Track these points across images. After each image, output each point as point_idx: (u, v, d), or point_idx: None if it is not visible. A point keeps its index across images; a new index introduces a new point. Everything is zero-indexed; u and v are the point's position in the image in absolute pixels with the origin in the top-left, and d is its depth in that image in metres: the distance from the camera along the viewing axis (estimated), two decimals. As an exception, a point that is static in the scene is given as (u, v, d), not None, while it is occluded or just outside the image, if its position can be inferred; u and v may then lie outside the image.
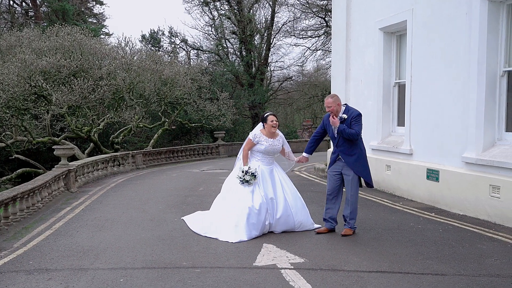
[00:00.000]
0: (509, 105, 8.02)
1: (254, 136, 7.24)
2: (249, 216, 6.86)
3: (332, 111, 6.89)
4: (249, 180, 7.04)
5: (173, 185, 13.25)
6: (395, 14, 10.58)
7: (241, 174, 7.08)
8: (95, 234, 7.43)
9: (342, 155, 6.96)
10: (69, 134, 22.88)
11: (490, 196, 7.76)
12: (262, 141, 7.20)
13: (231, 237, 6.78)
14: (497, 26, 7.90)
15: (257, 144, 7.23)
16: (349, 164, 6.92)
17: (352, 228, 7.04)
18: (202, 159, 24.12)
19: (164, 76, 22.76)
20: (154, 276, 5.33)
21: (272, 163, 7.39)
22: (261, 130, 7.29)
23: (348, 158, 6.91)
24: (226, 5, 36.83)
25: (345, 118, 6.84)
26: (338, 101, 6.95)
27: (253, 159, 7.32)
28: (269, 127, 7.20)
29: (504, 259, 5.79)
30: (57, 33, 21.48)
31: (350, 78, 12.88)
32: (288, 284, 4.96)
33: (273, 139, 7.26)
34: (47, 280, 5.29)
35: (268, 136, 7.23)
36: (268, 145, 7.20)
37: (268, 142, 7.21)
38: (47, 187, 10.59)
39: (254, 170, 7.08)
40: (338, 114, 6.91)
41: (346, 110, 6.94)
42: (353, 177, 6.93)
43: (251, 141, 7.24)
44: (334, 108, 6.88)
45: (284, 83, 41.02)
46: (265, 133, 7.24)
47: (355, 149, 6.90)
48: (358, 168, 6.91)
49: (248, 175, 7.03)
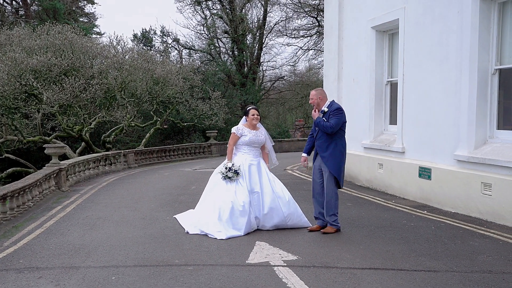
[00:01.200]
0: (501, 103, 8.06)
1: (237, 129, 7.40)
2: (232, 211, 6.92)
3: (313, 103, 7.01)
4: (231, 177, 7.14)
5: (165, 184, 13.20)
6: (387, 13, 10.60)
7: (224, 170, 7.18)
8: (86, 232, 7.37)
9: (318, 149, 7.02)
10: (60, 133, 22.75)
11: (482, 194, 7.79)
12: (245, 132, 7.36)
13: (216, 233, 6.81)
14: (488, 25, 7.93)
15: (241, 136, 7.36)
16: (323, 159, 6.93)
17: (333, 226, 6.98)
18: (194, 158, 24.06)
19: (156, 75, 22.69)
20: (146, 274, 5.29)
21: (258, 156, 7.48)
22: (243, 124, 7.48)
23: (322, 153, 6.92)
24: (218, 5, 36.82)
25: (325, 112, 6.86)
26: (321, 95, 7.00)
27: (239, 152, 7.41)
28: (250, 120, 7.40)
29: (495, 255, 5.81)
30: (48, 31, 21.33)
31: (342, 77, 12.90)
32: (281, 281, 4.95)
33: (256, 131, 7.42)
34: (38, 279, 5.23)
35: (250, 128, 7.39)
36: (251, 135, 7.35)
37: (251, 133, 7.37)
38: (38, 186, 10.51)
39: (237, 168, 7.16)
40: (320, 108, 6.96)
41: (330, 105, 6.95)
42: (329, 173, 6.91)
43: (235, 135, 7.38)
44: (316, 100, 6.97)
45: (276, 82, 41.05)
46: (247, 126, 7.41)
47: (330, 145, 6.86)
48: (330, 163, 6.84)
49: (231, 172, 7.13)
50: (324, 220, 7.11)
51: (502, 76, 7.99)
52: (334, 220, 6.98)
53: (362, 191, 10.96)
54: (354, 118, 12.26)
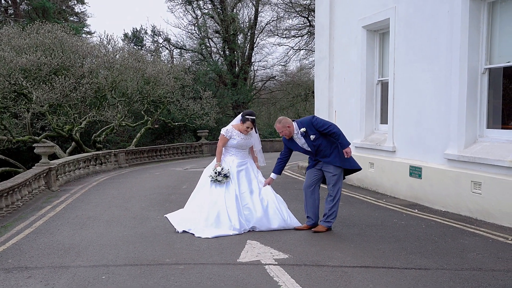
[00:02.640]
0: (490, 102, 8.11)
1: (227, 131, 7.33)
2: (219, 213, 6.96)
3: (285, 134, 6.89)
4: (221, 181, 7.16)
5: (156, 184, 13.15)
6: (378, 12, 10.63)
7: (213, 174, 7.18)
8: (76, 232, 7.32)
9: (322, 159, 6.90)
10: (50, 133, 22.59)
11: (472, 192, 7.83)
12: (234, 135, 7.30)
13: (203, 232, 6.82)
14: (478, 24, 7.98)
15: (230, 139, 7.31)
16: (330, 162, 6.86)
17: (327, 226, 7.00)
18: (186, 158, 24.01)
19: (147, 74, 22.62)
20: (137, 273, 5.25)
21: (247, 157, 7.47)
22: (233, 125, 7.38)
23: (327, 158, 6.86)
24: (209, 4, 36.76)
25: (306, 131, 6.78)
26: (287, 123, 6.84)
27: (227, 154, 7.41)
28: (243, 128, 7.29)
29: (485, 253, 5.84)
30: (37, 30, 21.17)
31: (333, 76, 12.92)
32: (272, 280, 4.93)
33: (245, 135, 7.36)
34: (27, 278, 5.18)
35: (240, 131, 7.32)
36: (240, 139, 7.31)
37: (240, 137, 7.31)
38: (28, 186, 10.42)
39: (227, 171, 7.17)
40: (292, 135, 6.88)
41: (300, 124, 6.85)
42: (335, 173, 6.89)
43: (224, 137, 7.32)
44: (287, 131, 6.86)
45: (267, 82, 41.07)
46: (237, 128, 7.33)
47: (333, 149, 6.85)
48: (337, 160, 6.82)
49: (221, 176, 7.14)
50: (313, 220, 7.11)
51: (492, 76, 8.04)
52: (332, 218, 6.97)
53: (353, 190, 10.98)
54: (345, 117, 12.30)
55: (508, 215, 7.15)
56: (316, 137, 6.77)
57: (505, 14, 7.75)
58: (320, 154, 6.88)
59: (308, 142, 6.83)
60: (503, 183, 7.24)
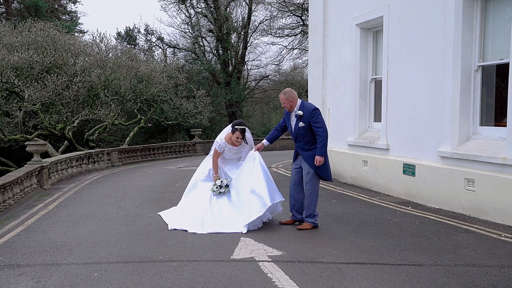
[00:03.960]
0: (483, 99, 8.13)
1: (220, 146, 7.34)
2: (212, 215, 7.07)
3: (286, 107, 6.95)
4: (224, 192, 7.30)
5: (149, 182, 13.09)
6: (371, 10, 10.64)
7: (215, 188, 7.26)
8: (68, 230, 7.26)
9: (299, 150, 6.99)
10: (43, 131, 22.42)
11: (465, 190, 7.84)
12: (226, 150, 7.37)
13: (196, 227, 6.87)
14: (471, 21, 7.99)
15: (222, 152, 7.40)
16: (305, 159, 6.91)
17: (311, 223, 6.99)
18: (179, 156, 23.93)
19: (140, 73, 22.54)
20: (130, 270, 5.21)
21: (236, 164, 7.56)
22: (225, 138, 7.36)
23: (305, 153, 6.91)
24: (202, 3, 36.64)
25: (301, 115, 6.80)
26: (292, 97, 6.88)
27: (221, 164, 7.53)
28: (233, 139, 7.30)
29: (479, 249, 5.85)
30: (29, 28, 21.04)
31: (327, 75, 12.91)
32: (266, 276, 4.91)
33: (237, 147, 7.38)
34: (18, 276, 5.13)
35: (232, 145, 7.34)
36: (231, 154, 7.43)
37: (232, 152, 7.40)
38: (19, 184, 10.33)
39: (227, 182, 7.30)
40: (293, 109, 6.92)
41: (302, 106, 6.89)
42: (309, 171, 6.91)
43: (217, 152, 7.38)
44: (288, 104, 6.91)
45: (261, 81, 41.00)
46: (229, 142, 7.34)
47: (312, 145, 6.86)
48: (313, 163, 6.84)
49: (223, 188, 7.27)
50: (298, 217, 7.19)
51: (485, 73, 8.06)
52: (311, 217, 6.99)
53: (347, 188, 10.98)
54: (338, 115, 12.30)
55: (501, 212, 7.17)
56: (304, 127, 6.81)
57: (497, 11, 7.76)
58: (298, 143, 6.96)
59: (296, 125, 6.90)
60: (496, 180, 7.25)
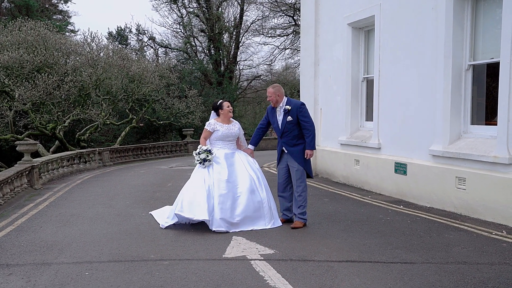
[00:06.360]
0: (474, 98, 8.17)
1: (209, 124, 7.28)
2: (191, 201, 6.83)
3: (272, 100, 7.00)
4: (207, 157, 6.98)
5: (141, 181, 13.04)
6: (363, 9, 10.66)
7: (196, 157, 7.06)
8: (59, 229, 7.20)
9: (285, 146, 7.01)
10: (34, 131, 22.28)
11: (457, 188, 7.88)
12: (217, 127, 7.23)
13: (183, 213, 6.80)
14: (462, 21, 8.03)
15: (213, 132, 7.24)
16: (293, 155, 6.93)
17: (302, 220, 7.01)
18: (171, 156, 23.86)
19: (131, 72, 22.45)
20: (121, 269, 5.18)
21: (234, 149, 7.37)
22: (215, 119, 7.34)
23: (292, 148, 6.93)
24: (194, 3, 36.57)
25: (289, 109, 6.86)
26: (279, 92, 6.95)
27: (215, 148, 7.23)
28: (225, 112, 7.27)
29: (470, 247, 5.88)
30: (20, 27, 20.87)
31: (319, 74, 12.93)
32: (258, 275, 4.90)
33: (229, 125, 7.31)
34: (8, 275, 5.08)
35: (223, 123, 7.27)
36: (224, 129, 7.23)
37: (224, 127, 7.25)
38: (9, 183, 10.25)
39: (208, 147, 7.06)
40: (278, 105, 6.99)
41: (289, 102, 6.96)
42: (298, 168, 6.93)
43: (207, 130, 7.26)
44: (274, 98, 6.96)
45: (253, 81, 40.98)
46: (220, 120, 7.29)
47: (299, 140, 6.92)
48: (300, 158, 6.89)
49: (202, 153, 6.97)
50: (289, 215, 7.19)
51: (476, 72, 8.10)
52: (304, 214, 7.01)
53: (339, 187, 11.00)
54: (330, 115, 12.32)
55: (491, 210, 7.20)
56: (292, 121, 6.85)
57: (488, 11, 7.81)
58: (284, 138, 6.96)
59: (283, 120, 6.92)
60: (487, 178, 7.29)
